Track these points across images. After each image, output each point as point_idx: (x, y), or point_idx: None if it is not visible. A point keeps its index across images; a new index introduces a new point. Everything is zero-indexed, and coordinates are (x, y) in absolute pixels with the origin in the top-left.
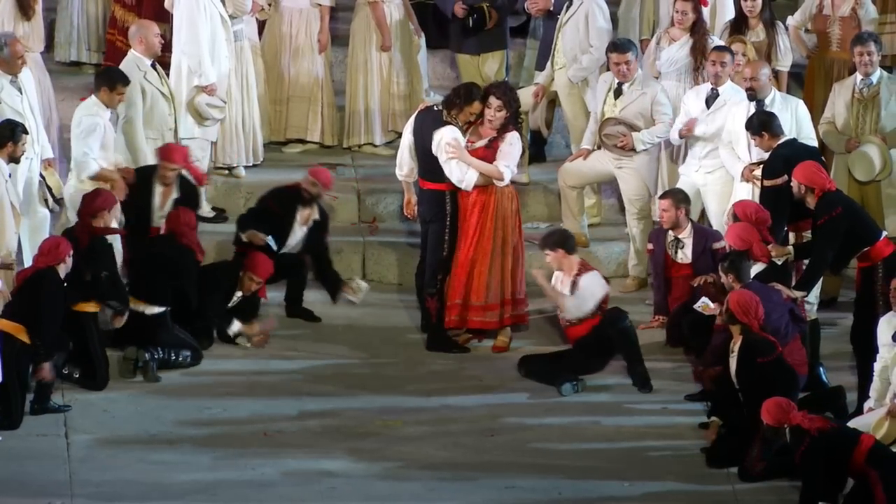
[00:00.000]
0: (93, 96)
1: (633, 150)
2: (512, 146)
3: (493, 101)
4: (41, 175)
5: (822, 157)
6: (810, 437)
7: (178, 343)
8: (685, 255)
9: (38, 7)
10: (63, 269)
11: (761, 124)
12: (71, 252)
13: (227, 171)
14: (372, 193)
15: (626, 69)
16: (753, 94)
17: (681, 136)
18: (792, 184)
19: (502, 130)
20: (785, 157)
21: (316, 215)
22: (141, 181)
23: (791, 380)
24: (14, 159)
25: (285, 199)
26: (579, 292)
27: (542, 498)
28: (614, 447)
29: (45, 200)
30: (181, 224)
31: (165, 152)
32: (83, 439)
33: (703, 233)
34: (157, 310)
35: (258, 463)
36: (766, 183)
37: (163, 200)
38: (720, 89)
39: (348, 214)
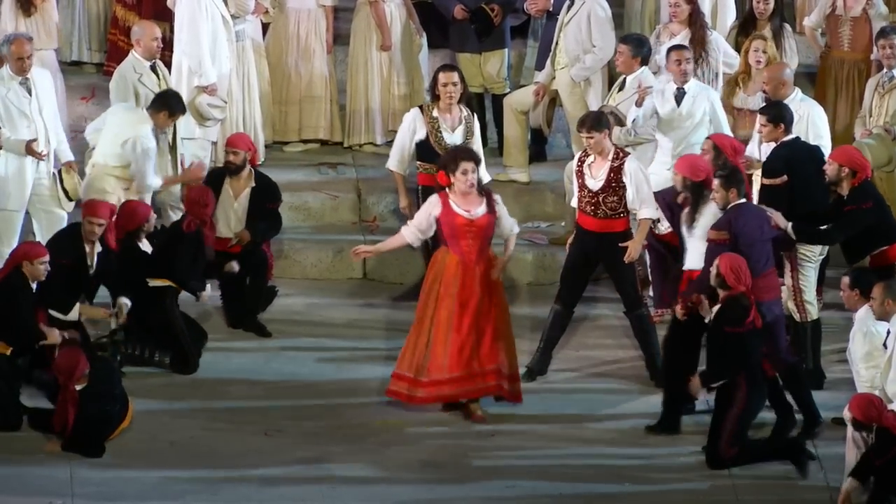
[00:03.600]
0: (148, 116)
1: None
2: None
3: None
4: (57, 176)
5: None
6: None
7: (156, 341)
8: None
9: (47, 5)
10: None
11: (779, 115)
12: (46, 258)
13: None
14: (372, 193)
15: (619, 60)
16: (769, 98)
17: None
18: (828, 166)
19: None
20: (785, 157)
21: (252, 183)
22: (72, 240)
23: (744, 359)
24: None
25: (211, 181)
26: (632, 181)
27: (543, 498)
28: (614, 447)
29: (59, 200)
30: (191, 205)
31: (91, 207)
32: None
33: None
34: (156, 283)
35: (258, 463)
36: (765, 181)
37: (90, 255)
38: (686, 87)
39: (348, 214)
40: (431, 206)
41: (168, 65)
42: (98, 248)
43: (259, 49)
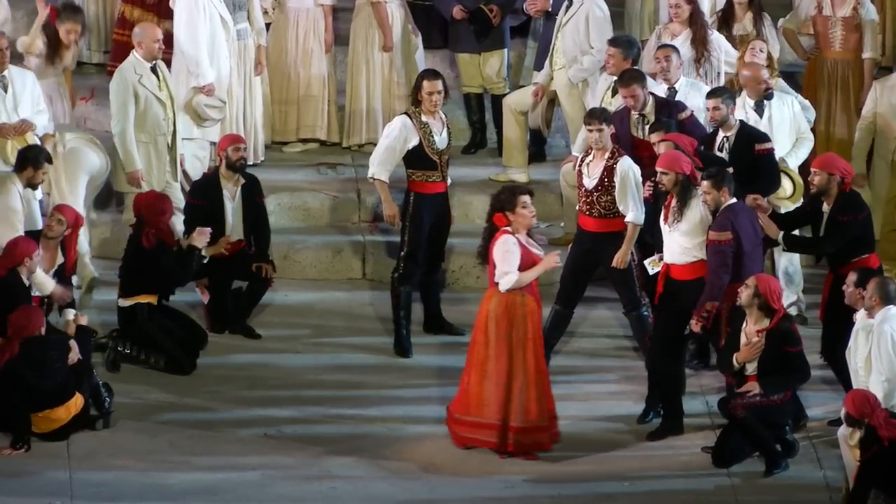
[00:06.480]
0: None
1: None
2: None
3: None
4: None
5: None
6: (879, 447)
7: (152, 344)
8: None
9: None
10: (26, 271)
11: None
12: (35, 253)
13: None
14: (372, 193)
15: (610, 62)
16: (771, 94)
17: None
18: (816, 176)
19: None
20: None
21: (241, 180)
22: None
23: (807, 373)
24: (32, 185)
25: (204, 186)
26: (621, 181)
27: (542, 498)
28: (614, 447)
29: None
30: (147, 212)
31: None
32: (83, 439)
33: None
34: (127, 303)
35: (258, 463)
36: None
37: (48, 265)
38: (676, 86)
39: (348, 214)
40: (514, 246)
41: (170, 65)
42: (60, 258)
43: (260, 50)
